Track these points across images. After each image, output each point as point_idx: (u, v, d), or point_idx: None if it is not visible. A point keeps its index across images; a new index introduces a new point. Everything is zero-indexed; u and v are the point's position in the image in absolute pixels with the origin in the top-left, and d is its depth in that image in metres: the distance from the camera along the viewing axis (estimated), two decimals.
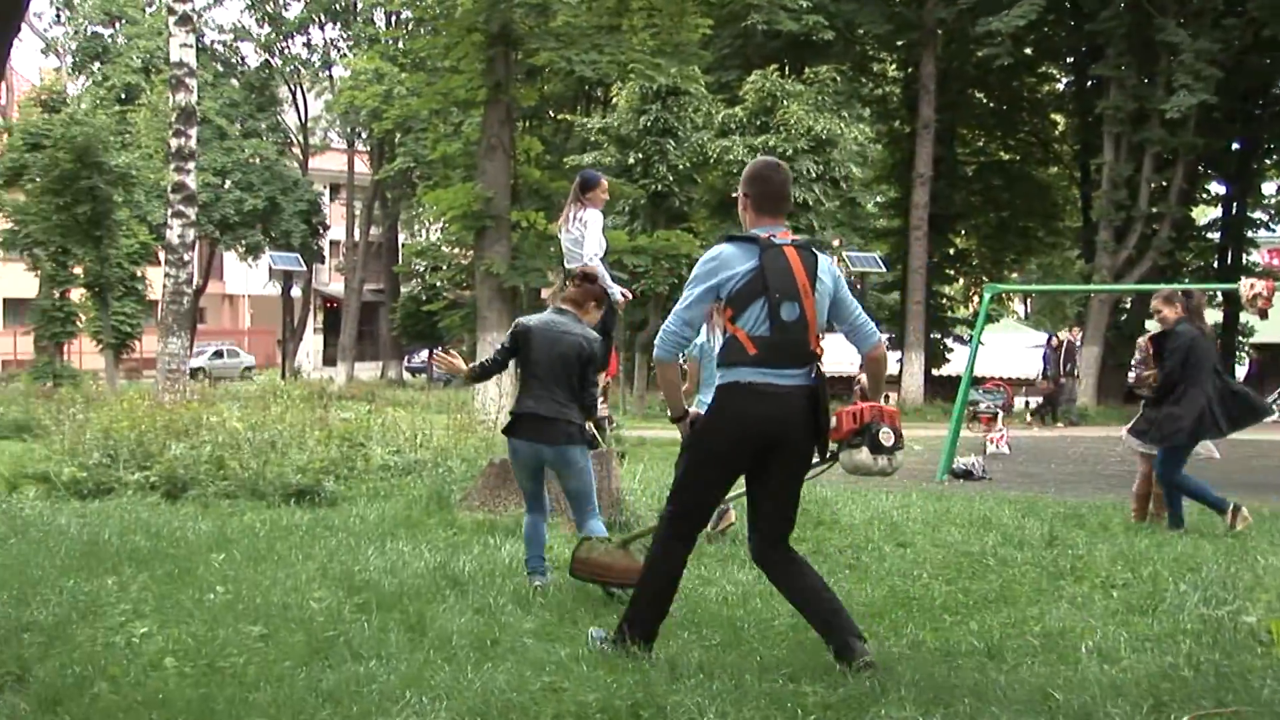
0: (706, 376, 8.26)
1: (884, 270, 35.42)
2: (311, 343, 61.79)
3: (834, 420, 5.67)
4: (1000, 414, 24.09)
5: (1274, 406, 22.37)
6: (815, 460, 5.74)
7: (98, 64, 48.69)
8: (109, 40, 49.61)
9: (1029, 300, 66.52)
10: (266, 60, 52.81)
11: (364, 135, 51.15)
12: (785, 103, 30.79)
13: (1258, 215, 40.82)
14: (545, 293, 11.01)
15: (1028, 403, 33.92)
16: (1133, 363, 11.91)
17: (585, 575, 6.96)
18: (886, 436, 5.62)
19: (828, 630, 5.49)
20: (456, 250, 40.58)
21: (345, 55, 51.41)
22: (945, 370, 40.55)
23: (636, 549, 6.85)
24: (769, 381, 5.43)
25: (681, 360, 6.72)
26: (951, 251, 42.93)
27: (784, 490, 5.65)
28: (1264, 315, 14.54)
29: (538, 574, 7.37)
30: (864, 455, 5.64)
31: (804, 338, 5.46)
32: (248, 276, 61.08)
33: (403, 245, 54.96)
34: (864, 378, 5.86)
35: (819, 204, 31.06)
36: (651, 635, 5.64)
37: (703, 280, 5.48)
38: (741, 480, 5.76)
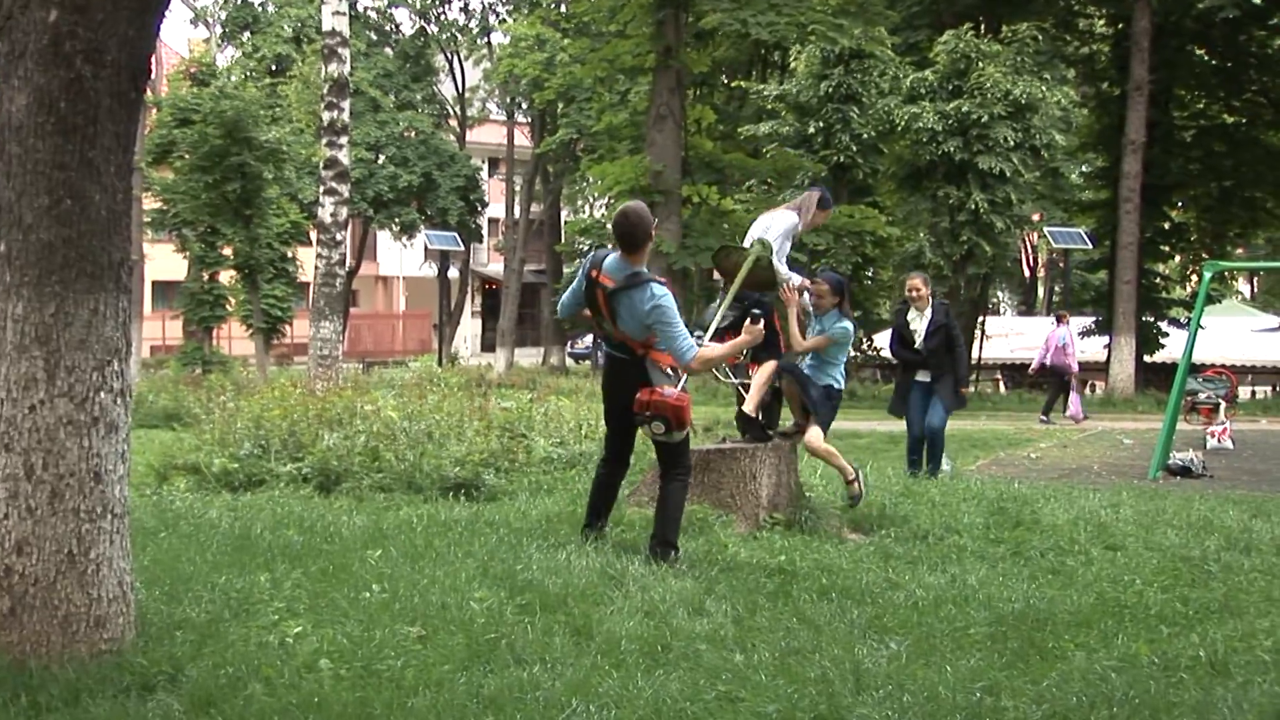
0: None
1: (1090, 246, 34.74)
2: (469, 327, 62.73)
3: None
4: (1222, 405, 23.42)
5: None
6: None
7: (247, 34, 49.93)
8: (259, 9, 50.87)
9: (1255, 279, 64.66)
10: (422, 27, 53.69)
11: (525, 106, 51.68)
12: (980, 64, 30.35)
13: None
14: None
15: (1253, 392, 32.96)
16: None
17: None
18: (657, 428, 7.77)
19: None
20: None
21: (505, 21, 51.95)
22: (1159, 357, 39.58)
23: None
24: (609, 353, 8.19)
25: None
26: (1166, 225, 41.80)
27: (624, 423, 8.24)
28: None
29: None
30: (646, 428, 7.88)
31: (619, 339, 7.94)
32: (402, 257, 62.21)
33: (565, 223, 55.40)
34: None
35: (1017, 175, 30.61)
36: None
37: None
38: None
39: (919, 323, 13.80)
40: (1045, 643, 5.96)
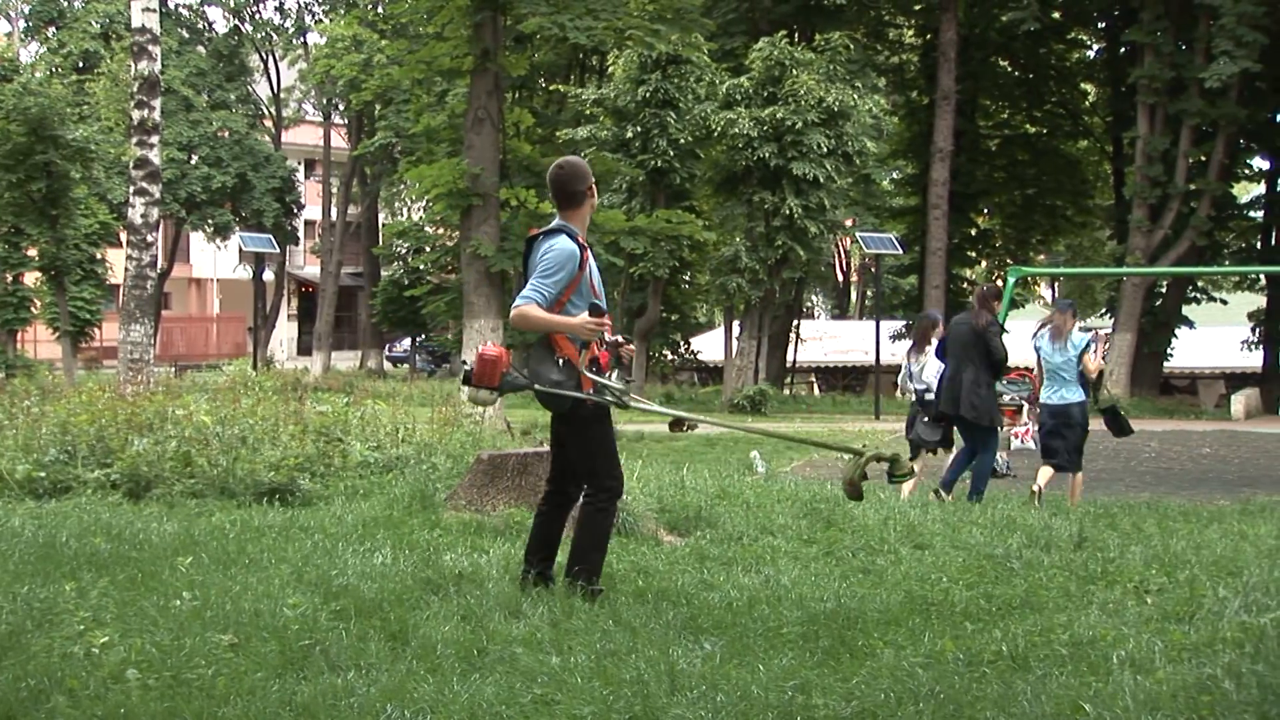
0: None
1: (900, 252, 35.44)
2: (285, 330, 61.87)
3: None
4: (1026, 406, 24.03)
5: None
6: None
7: (53, 29, 48.60)
8: (65, 4, 49.50)
9: (1056, 284, 66.54)
10: (236, 26, 52.75)
11: (341, 107, 51.16)
12: (794, 72, 30.79)
13: None
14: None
15: None
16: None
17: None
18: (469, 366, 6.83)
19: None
20: (441, 231, 40.64)
21: (321, 21, 51.34)
22: None
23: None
24: None
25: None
26: (973, 232, 42.94)
27: None
28: None
29: None
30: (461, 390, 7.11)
31: None
32: (216, 259, 61.12)
33: (383, 225, 55.02)
34: None
35: (830, 181, 31.08)
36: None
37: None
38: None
39: None
40: (855, 641, 6.06)
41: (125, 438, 12.18)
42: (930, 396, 13.92)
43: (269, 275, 53.74)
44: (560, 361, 6.82)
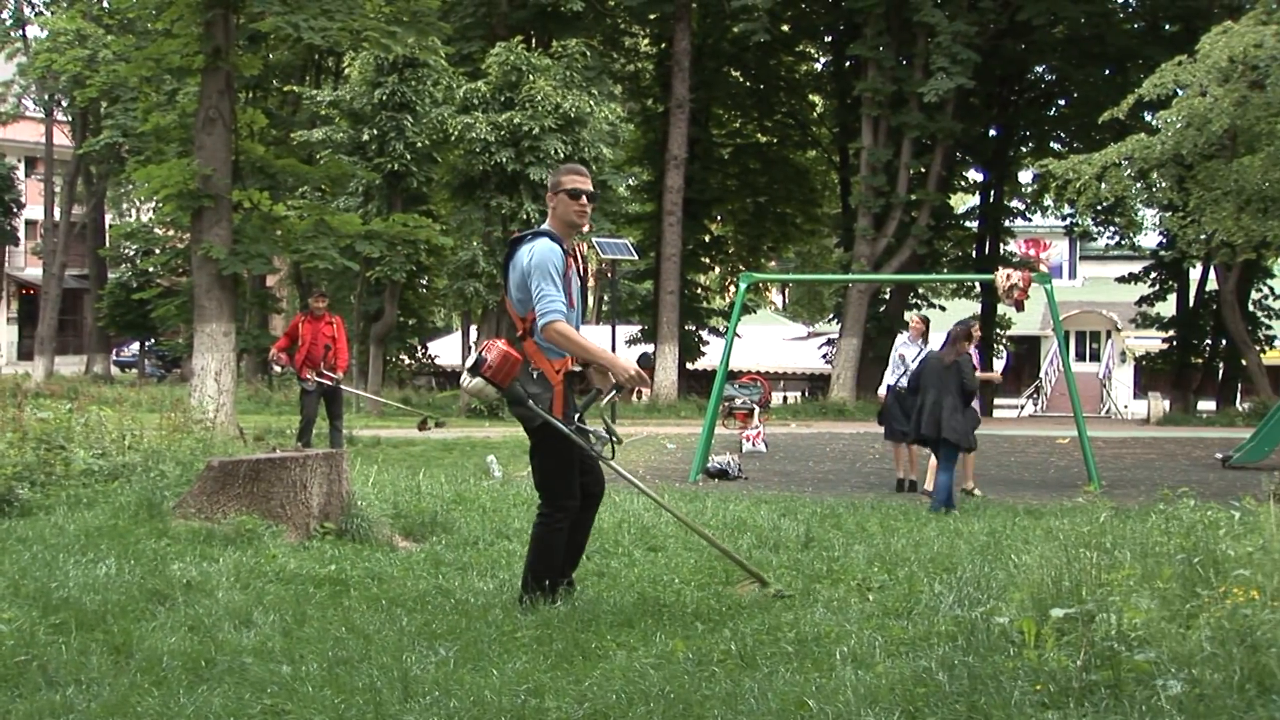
0: None
1: (635, 258, 35.75)
2: (4, 334, 59.43)
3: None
4: (756, 410, 24.58)
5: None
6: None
7: None
8: None
9: (786, 290, 68.15)
10: None
11: (65, 104, 49.33)
12: (531, 78, 30.82)
13: (1014, 204, 42.70)
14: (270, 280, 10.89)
15: (785, 397, 34.53)
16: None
17: None
18: (477, 367, 6.69)
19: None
20: (171, 233, 39.50)
21: (41, 13, 49.45)
22: (700, 364, 41.22)
23: None
24: None
25: None
26: (707, 238, 43.61)
27: None
28: (1020, 307, 15.36)
29: None
30: (464, 377, 6.88)
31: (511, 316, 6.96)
32: None
33: (110, 226, 53.21)
34: None
35: None
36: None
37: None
38: None
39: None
40: (589, 643, 6.10)
41: None
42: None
43: None
44: (535, 374, 6.75)
